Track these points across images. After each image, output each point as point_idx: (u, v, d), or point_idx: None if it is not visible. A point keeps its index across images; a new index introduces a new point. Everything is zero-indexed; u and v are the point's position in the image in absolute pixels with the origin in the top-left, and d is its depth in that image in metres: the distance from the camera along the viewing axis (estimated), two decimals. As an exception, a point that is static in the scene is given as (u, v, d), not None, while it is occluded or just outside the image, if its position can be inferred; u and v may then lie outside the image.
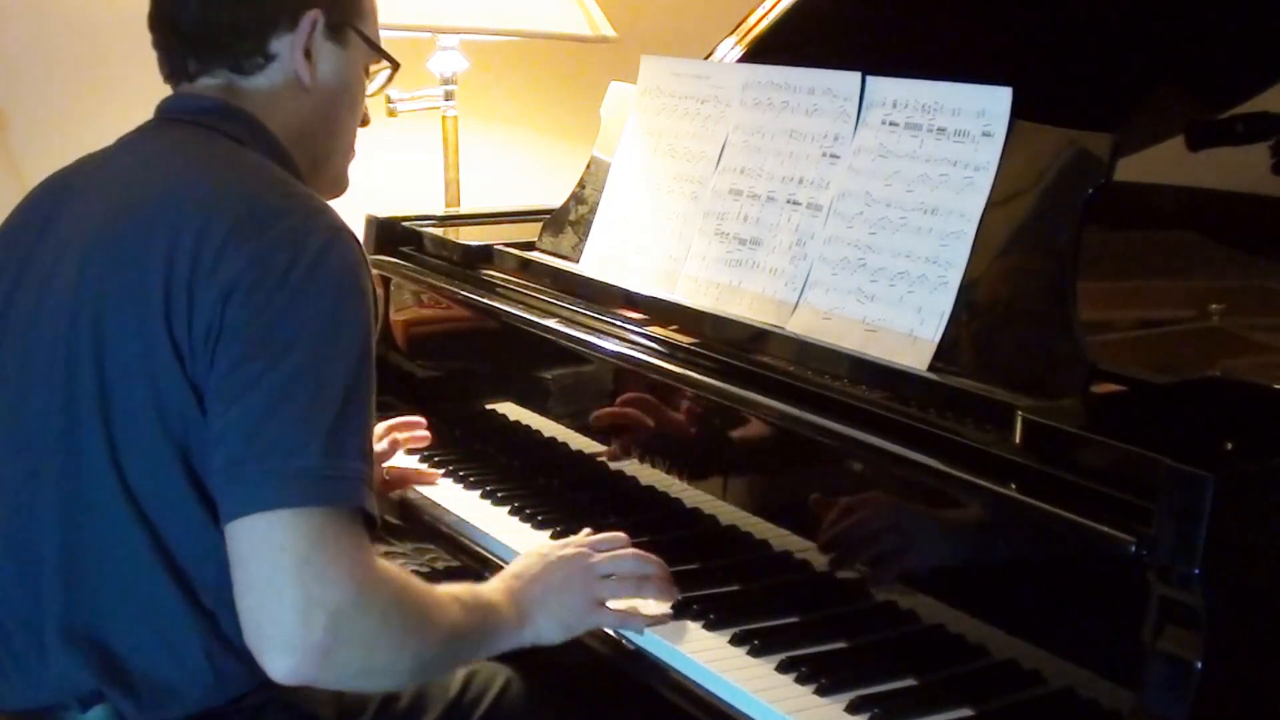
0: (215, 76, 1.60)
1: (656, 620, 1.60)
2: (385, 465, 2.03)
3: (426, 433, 2.10)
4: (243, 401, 1.39)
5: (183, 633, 1.46)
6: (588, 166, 2.16)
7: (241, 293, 1.41)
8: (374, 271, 2.36)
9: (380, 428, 2.03)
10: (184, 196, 1.49)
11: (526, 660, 1.68)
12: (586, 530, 1.72)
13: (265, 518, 1.36)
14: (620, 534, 1.69)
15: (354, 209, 2.51)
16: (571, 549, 1.65)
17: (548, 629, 1.58)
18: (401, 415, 2.10)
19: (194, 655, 1.47)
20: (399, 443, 2.07)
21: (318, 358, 1.41)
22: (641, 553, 1.66)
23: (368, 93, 1.74)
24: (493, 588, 1.59)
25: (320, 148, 1.67)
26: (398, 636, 1.41)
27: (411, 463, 2.12)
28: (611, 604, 1.60)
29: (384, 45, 1.73)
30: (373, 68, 1.74)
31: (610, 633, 1.61)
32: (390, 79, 1.78)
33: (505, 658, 1.59)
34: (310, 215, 1.49)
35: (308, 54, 1.61)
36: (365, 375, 1.45)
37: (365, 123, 1.75)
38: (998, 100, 1.59)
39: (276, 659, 1.36)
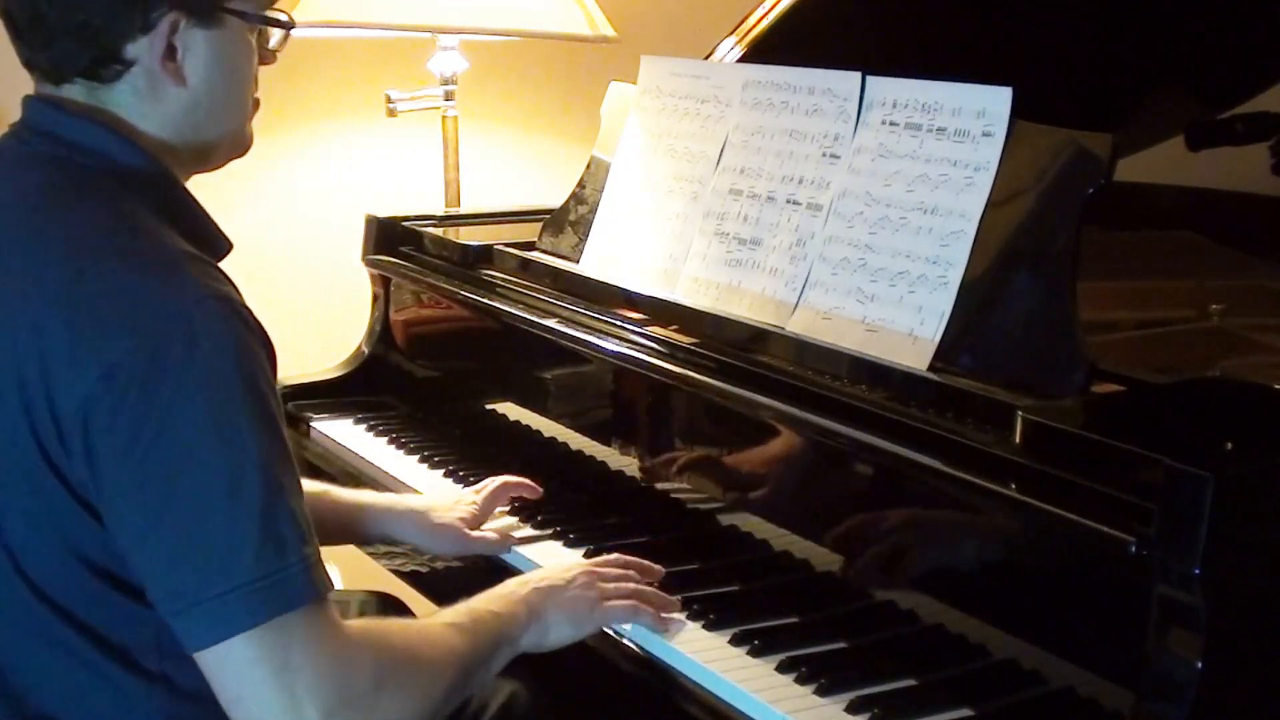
0: (75, 84, 1.44)
1: (661, 622, 1.59)
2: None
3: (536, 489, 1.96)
4: (157, 534, 1.31)
5: (134, 699, 1.41)
6: (588, 166, 2.16)
7: (104, 418, 1.30)
8: (373, 271, 2.40)
9: (496, 483, 1.92)
10: (16, 284, 1.36)
11: (529, 669, 1.67)
12: None
13: (226, 645, 1.30)
14: (619, 556, 1.69)
15: (354, 209, 2.52)
16: (579, 565, 1.65)
17: (556, 627, 1.57)
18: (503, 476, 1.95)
19: (152, 717, 1.42)
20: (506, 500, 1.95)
21: (221, 465, 1.31)
22: (641, 563, 1.67)
23: (269, 45, 1.56)
24: (495, 594, 1.58)
25: (207, 136, 1.50)
26: (396, 691, 1.39)
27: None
28: (617, 604, 1.60)
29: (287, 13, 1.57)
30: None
31: (610, 633, 1.61)
32: (287, 36, 1.57)
33: (508, 668, 1.58)
34: (159, 289, 1.34)
35: (172, 54, 1.43)
36: (277, 448, 1.34)
37: (267, 61, 1.57)
38: (998, 100, 1.59)
39: None
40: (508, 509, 1.93)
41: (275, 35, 1.56)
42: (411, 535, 1.87)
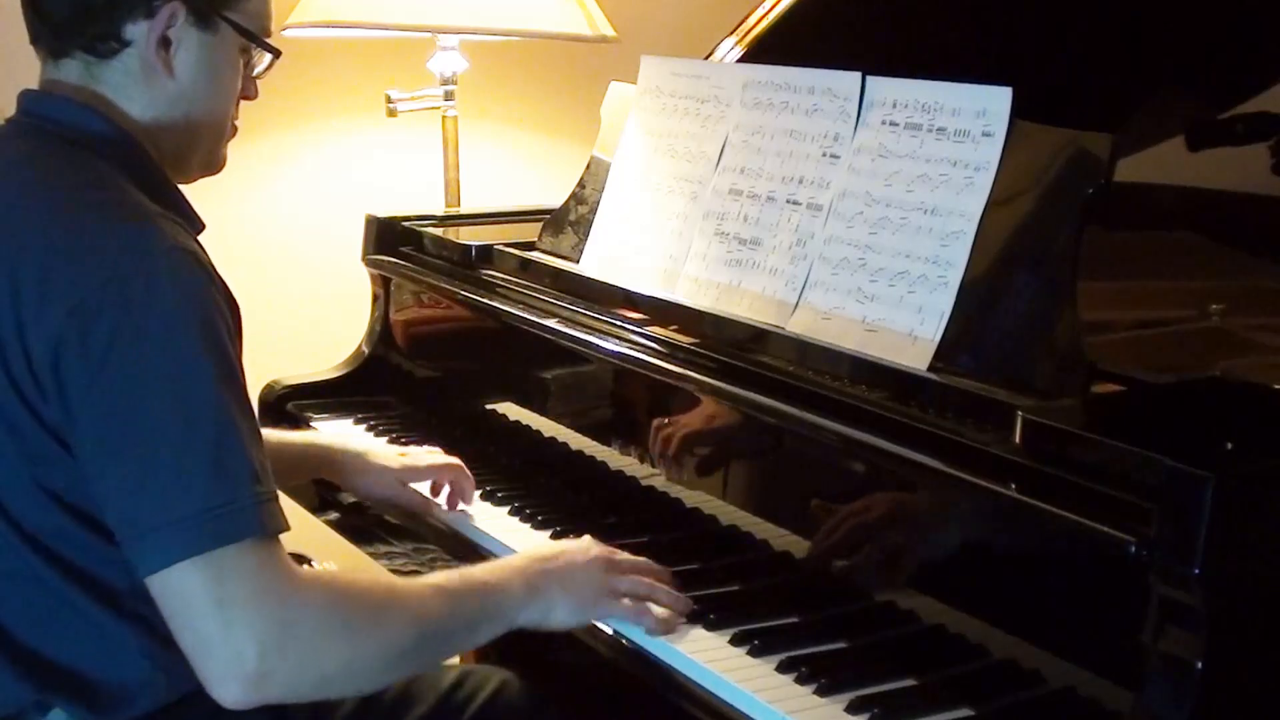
0: (74, 58, 1.54)
1: (668, 626, 1.58)
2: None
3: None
4: (116, 463, 1.38)
5: (116, 638, 1.46)
6: (588, 166, 2.16)
7: (72, 351, 1.37)
8: (373, 271, 2.41)
9: (439, 460, 1.98)
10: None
11: (525, 661, 1.67)
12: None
13: (171, 572, 1.35)
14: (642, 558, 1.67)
15: (354, 209, 2.52)
16: (596, 546, 1.64)
17: (560, 608, 1.56)
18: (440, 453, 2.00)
19: (133, 658, 1.47)
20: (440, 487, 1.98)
21: (176, 399, 1.37)
22: (659, 567, 1.66)
23: (253, 74, 1.65)
24: (500, 564, 1.60)
25: (183, 137, 1.59)
26: (345, 641, 1.40)
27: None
28: (626, 601, 1.59)
29: (274, 33, 1.65)
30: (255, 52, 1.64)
31: (609, 630, 1.61)
32: (272, 64, 1.67)
33: (503, 659, 1.59)
34: (129, 236, 1.43)
35: (166, 44, 1.53)
36: (233, 393, 1.41)
37: (249, 97, 1.66)
38: (998, 100, 1.59)
39: (221, 692, 1.37)
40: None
41: (261, 64, 1.65)
42: (349, 475, 1.97)
